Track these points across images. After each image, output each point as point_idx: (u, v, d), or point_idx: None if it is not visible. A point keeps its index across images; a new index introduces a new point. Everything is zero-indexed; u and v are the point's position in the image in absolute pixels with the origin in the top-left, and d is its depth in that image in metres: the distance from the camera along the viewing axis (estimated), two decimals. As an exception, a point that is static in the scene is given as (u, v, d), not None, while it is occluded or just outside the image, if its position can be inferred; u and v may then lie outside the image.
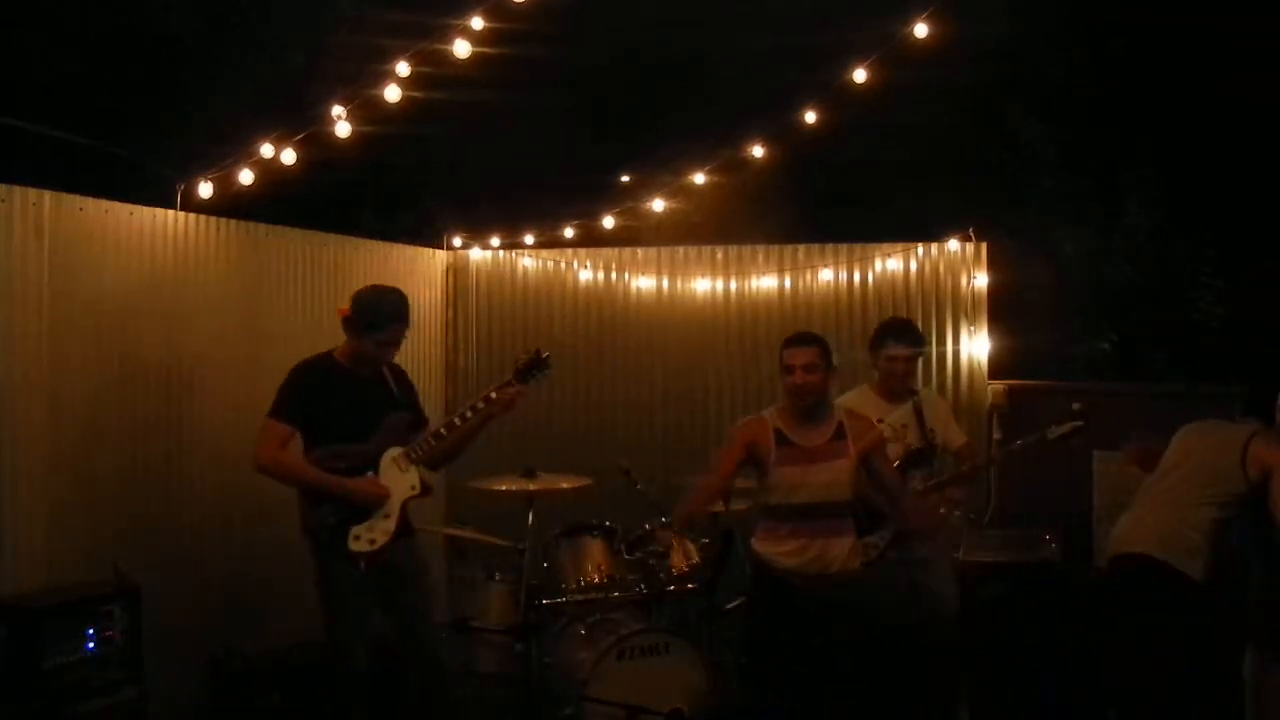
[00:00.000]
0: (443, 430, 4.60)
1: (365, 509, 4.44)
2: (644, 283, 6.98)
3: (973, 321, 6.56)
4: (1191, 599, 4.34)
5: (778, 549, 4.42)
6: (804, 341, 4.45)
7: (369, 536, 4.42)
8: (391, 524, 4.48)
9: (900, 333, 5.14)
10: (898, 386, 5.10)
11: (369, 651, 4.51)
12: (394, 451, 4.54)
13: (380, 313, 4.50)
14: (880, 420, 4.90)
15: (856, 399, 5.08)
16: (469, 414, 4.59)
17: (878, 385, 5.15)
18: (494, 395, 4.57)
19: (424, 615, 4.65)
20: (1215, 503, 4.40)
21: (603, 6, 9.81)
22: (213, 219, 5.48)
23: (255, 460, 4.42)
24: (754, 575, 4.58)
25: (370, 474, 4.47)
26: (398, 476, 4.53)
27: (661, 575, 5.26)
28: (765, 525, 4.49)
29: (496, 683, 5.19)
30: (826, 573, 4.31)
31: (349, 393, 4.51)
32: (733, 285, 6.87)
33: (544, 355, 4.62)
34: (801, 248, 6.85)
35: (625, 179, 9.88)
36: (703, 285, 6.90)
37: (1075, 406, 4.94)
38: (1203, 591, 4.34)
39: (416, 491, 4.58)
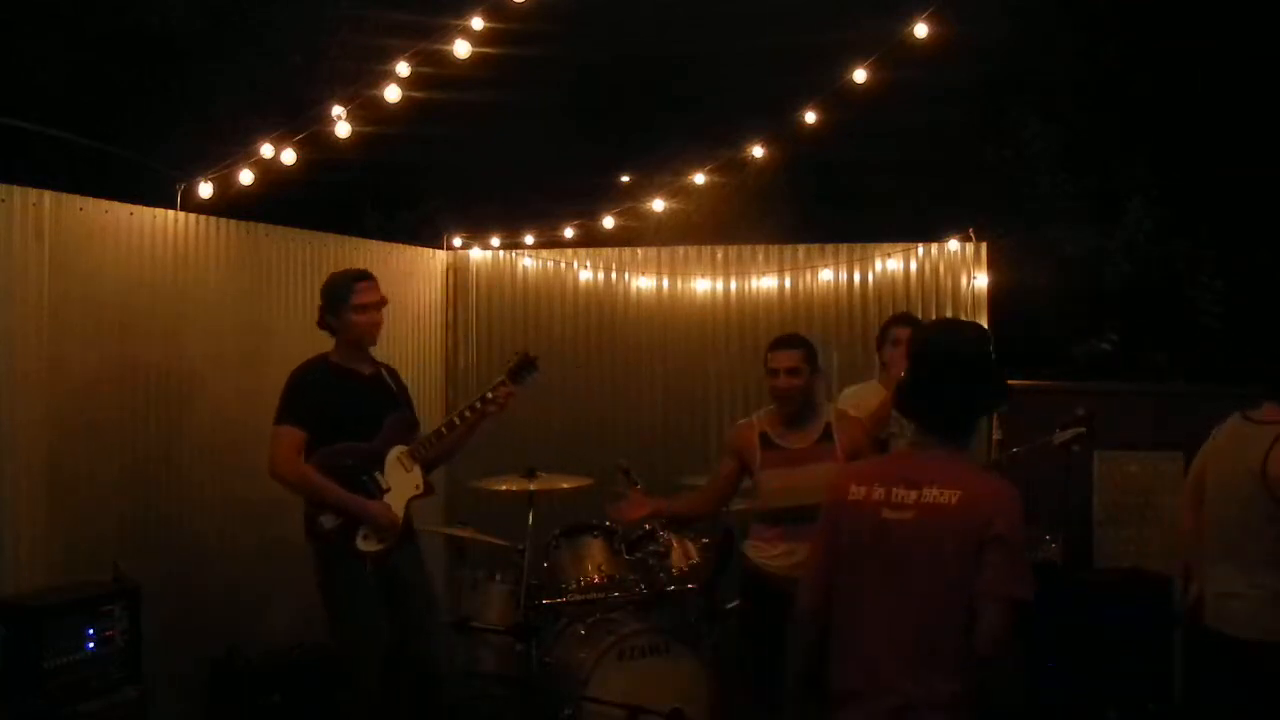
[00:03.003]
0: (443, 430, 4.66)
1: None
2: (644, 283, 6.97)
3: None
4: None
5: (767, 553, 4.41)
6: (788, 344, 4.44)
7: (377, 536, 4.41)
8: (398, 524, 4.47)
9: (908, 321, 5.14)
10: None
11: (379, 661, 4.44)
12: (399, 450, 4.55)
13: (338, 283, 4.53)
14: None
15: (863, 392, 5.07)
16: (467, 414, 4.66)
17: (885, 380, 5.14)
18: (489, 396, 4.64)
19: (428, 630, 4.61)
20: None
21: (602, 6, 9.82)
22: (213, 219, 5.48)
23: (272, 469, 4.38)
24: (744, 580, 4.57)
25: (376, 473, 4.47)
26: (403, 476, 4.54)
27: (661, 575, 5.26)
28: (756, 529, 4.49)
29: (496, 683, 5.19)
30: None
31: (350, 391, 4.51)
32: (733, 285, 6.85)
33: (532, 357, 4.73)
34: (801, 248, 6.83)
35: (625, 179, 9.88)
36: (703, 285, 6.89)
37: (1079, 412, 4.88)
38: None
39: (420, 491, 4.60)
